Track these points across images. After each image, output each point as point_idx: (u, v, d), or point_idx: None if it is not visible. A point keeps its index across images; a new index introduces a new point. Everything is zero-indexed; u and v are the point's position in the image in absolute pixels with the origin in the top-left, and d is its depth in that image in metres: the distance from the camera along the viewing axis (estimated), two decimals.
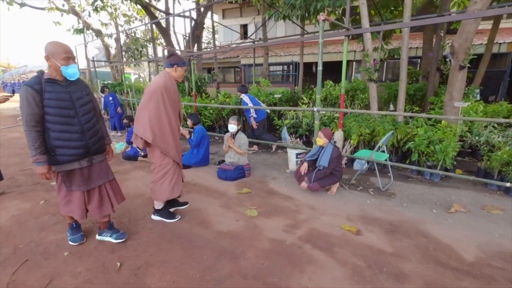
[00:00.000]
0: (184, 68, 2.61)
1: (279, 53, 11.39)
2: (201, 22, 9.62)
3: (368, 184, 3.76)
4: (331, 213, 2.92)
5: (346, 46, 4.29)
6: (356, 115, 5.12)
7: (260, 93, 6.93)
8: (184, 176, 2.96)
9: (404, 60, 4.89)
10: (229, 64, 13.32)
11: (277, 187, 3.65)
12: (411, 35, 11.77)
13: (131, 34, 13.81)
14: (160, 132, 2.50)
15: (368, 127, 4.47)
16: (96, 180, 2.23)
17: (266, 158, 5.09)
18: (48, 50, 1.93)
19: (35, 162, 1.94)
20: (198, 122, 4.57)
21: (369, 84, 5.23)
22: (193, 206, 3.10)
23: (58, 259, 2.15)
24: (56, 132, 1.97)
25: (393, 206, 3.10)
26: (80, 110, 2.06)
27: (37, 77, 1.93)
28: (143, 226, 2.65)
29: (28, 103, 1.86)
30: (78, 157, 2.07)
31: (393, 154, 4.53)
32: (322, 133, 3.36)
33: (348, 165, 4.59)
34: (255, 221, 2.77)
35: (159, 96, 2.44)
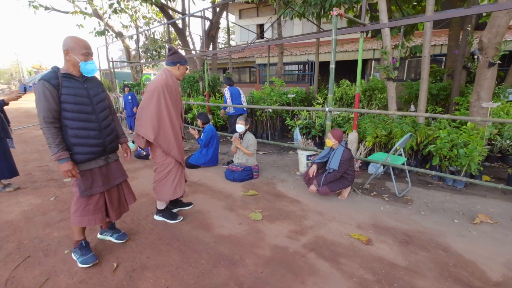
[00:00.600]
0: (186, 67, 2.55)
1: (295, 52, 11.18)
2: (216, 22, 9.63)
3: (383, 190, 3.52)
4: (340, 220, 2.74)
5: (362, 43, 4.06)
6: (372, 116, 4.86)
7: (273, 93, 6.80)
8: (188, 176, 2.89)
9: (426, 57, 4.58)
10: (244, 64, 13.29)
11: (285, 190, 3.51)
12: (436, 32, 11.14)
13: (150, 36, 14.15)
14: (162, 131, 2.46)
15: (385, 129, 4.21)
16: (115, 179, 2.18)
17: (276, 159, 4.95)
18: (67, 44, 1.88)
19: (59, 159, 1.83)
20: (208, 121, 4.52)
21: (388, 83, 4.95)
22: (197, 207, 3.04)
23: (57, 257, 2.16)
24: (74, 129, 1.89)
25: (409, 214, 2.86)
26: (98, 107, 2.01)
27: (53, 72, 1.86)
28: (144, 227, 2.62)
29: (46, 98, 1.78)
30: (95, 156, 2.00)
31: (412, 158, 4.24)
32: (332, 134, 3.18)
33: (363, 168, 4.35)
34: (258, 225, 2.65)
35: (161, 95, 2.39)
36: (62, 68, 1.92)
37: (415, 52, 6.50)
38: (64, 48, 1.87)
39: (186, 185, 3.66)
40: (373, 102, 6.55)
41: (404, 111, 6.78)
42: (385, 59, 4.81)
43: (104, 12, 10.42)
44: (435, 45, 9.13)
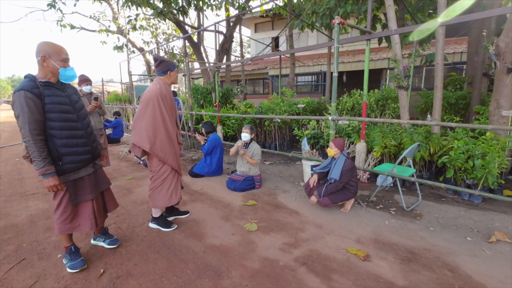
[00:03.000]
0: (177, 71, 2.58)
1: (307, 63, 11.17)
2: (230, 36, 9.90)
3: (390, 203, 3.31)
4: (339, 234, 2.59)
5: (368, 51, 3.96)
6: (384, 126, 4.66)
7: (283, 103, 6.77)
8: (184, 183, 2.89)
9: (439, 64, 4.37)
10: (258, 76, 13.45)
11: (286, 201, 3.41)
12: (457, 40, 10.69)
13: (169, 51, 14.81)
14: (158, 140, 2.47)
15: (395, 139, 4.01)
16: (101, 185, 2.20)
17: (282, 169, 4.86)
18: (44, 50, 1.80)
19: (44, 174, 1.78)
20: (212, 130, 4.55)
21: (399, 92, 4.77)
22: (193, 216, 3.01)
23: (50, 261, 2.20)
24: (63, 138, 1.86)
25: (416, 229, 2.65)
26: (80, 114, 2.01)
27: (32, 81, 1.77)
28: (138, 234, 2.62)
29: (30, 109, 1.70)
30: (84, 164, 2.01)
31: (425, 170, 3.98)
32: (334, 142, 3.07)
33: (371, 180, 4.14)
34: (251, 236, 2.56)
35: (155, 104, 2.43)
36: (38, 76, 1.84)
37: (431, 61, 6.26)
38: (41, 55, 1.79)
39: (186, 194, 3.68)
40: (386, 112, 6.31)
41: None
42: (395, 67, 4.66)
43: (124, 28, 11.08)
44: (454, 53, 8.75)
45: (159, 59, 2.55)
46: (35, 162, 1.78)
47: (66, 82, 1.97)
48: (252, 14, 14.64)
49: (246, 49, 18.97)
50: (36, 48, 1.83)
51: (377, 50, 11.31)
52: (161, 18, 6.44)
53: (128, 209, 3.20)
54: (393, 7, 4.41)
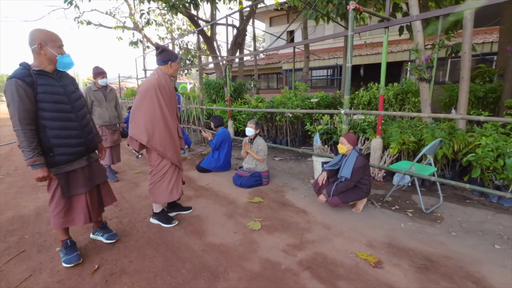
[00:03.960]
0: (177, 62, 2.46)
1: (323, 56, 10.79)
2: (243, 29, 9.72)
3: (407, 204, 3.06)
4: (348, 236, 2.39)
5: (386, 40, 3.67)
6: (404, 121, 4.35)
7: (295, 97, 6.54)
8: (185, 178, 2.79)
9: (466, 53, 4.01)
10: (271, 70, 13.20)
11: (294, 199, 3.23)
12: (487, 30, 9.89)
13: (184, 46, 14.87)
14: (156, 133, 2.37)
15: (414, 135, 3.71)
16: (96, 179, 2.13)
17: (292, 166, 4.67)
18: (39, 38, 1.73)
19: (33, 165, 1.72)
20: (221, 124, 4.44)
21: (420, 85, 4.43)
22: (196, 212, 2.92)
23: (48, 254, 2.17)
24: (54, 129, 1.80)
25: (436, 234, 2.40)
26: (76, 105, 1.94)
27: (25, 69, 1.71)
28: (138, 229, 2.56)
29: (20, 98, 1.65)
30: (77, 156, 1.94)
31: (448, 169, 3.66)
32: (345, 138, 2.86)
33: (388, 179, 3.88)
34: (254, 235, 2.43)
35: (153, 95, 2.33)
36: (33, 64, 1.78)
37: (457, 51, 5.79)
38: (36, 43, 1.73)
39: (191, 189, 3.59)
40: (406, 106, 5.92)
41: None
42: (416, 58, 4.31)
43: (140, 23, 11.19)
44: (484, 43, 8.09)
45: (160, 48, 2.44)
46: (24, 152, 1.72)
47: (64, 70, 1.91)
48: (267, 8, 14.36)
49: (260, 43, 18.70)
50: (30, 36, 1.76)
51: (397, 42, 10.73)
52: (173, 11, 6.38)
53: (132, 203, 3.16)
54: None
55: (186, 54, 14.95)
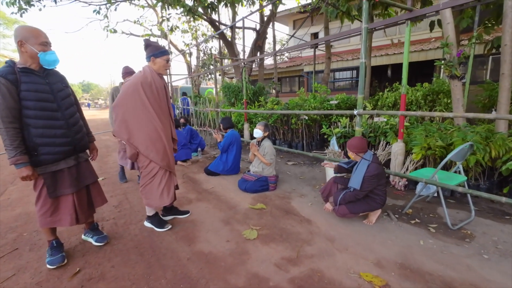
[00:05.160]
0: (165, 58, 2.28)
1: (346, 57, 10.29)
2: (263, 32, 9.61)
3: (430, 217, 2.65)
4: (354, 252, 2.09)
5: (409, 33, 3.30)
6: (433, 124, 3.88)
7: (314, 99, 6.24)
8: (177, 182, 2.66)
9: (507, 46, 3.47)
10: (293, 73, 12.92)
11: (299, 207, 2.97)
12: None
13: (207, 52, 15.18)
14: (138, 131, 2.24)
15: (442, 138, 3.27)
16: (85, 180, 2.08)
17: (305, 171, 4.39)
18: (21, 34, 1.71)
19: (16, 164, 1.69)
20: (230, 126, 4.31)
21: (452, 83, 3.95)
22: (192, 216, 2.78)
23: (38, 253, 2.16)
24: (39, 128, 1.77)
25: (463, 256, 2.01)
26: (63, 104, 1.91)
27: (9, 67, 1.70)
28: (130, 232, 2.48)
29: (3, 96, 1.63)
30: (64, 155, 1.90)
31: (483, 178, 3.16)
32: (347, 144, 2.56)
33: (410, 188, 3.45)
34: (248, 245, 2.22)
35: (135, 91, 2.20)
36: (19, 62, 1.76)
37: (498, 45, 5.14)
38: (17, 39, 1.71)
39: (194, 192, 3.49)
40: (436, 108, 5.34)
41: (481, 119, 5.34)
42: (447, 53, 3.84)
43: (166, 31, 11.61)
44: None
45: (146, 43, 2.31)
46: (7, 151, 1.70)
47: (49, 68, 1.86)
48: (290, 11, 14.17)
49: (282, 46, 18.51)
50: (14, 34, 1.75)
51: (430, 40, 9.92)
52: (190, 15, 6.48)
53: (133, 204, 3.13)
54: None
55: (209, 59, 15.22)
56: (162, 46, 2.34)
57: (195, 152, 5.66)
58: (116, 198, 3.32)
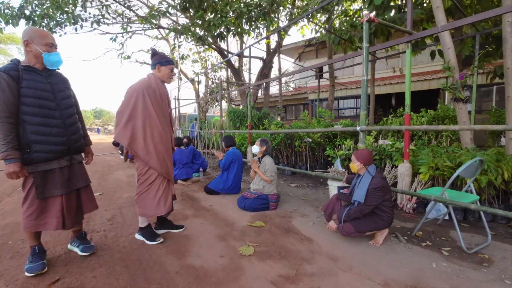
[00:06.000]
0: (170, 67, 2.34)
1: (350, 86, 10.52)
2: (269, 61, 10.01)
3: (443, 240, 2.44)
4: (359, 272, 1.90)
5: (409, 55, 3.36)
6: (442, 148, 3.77)
7: (318, 124, 6.24)
8: (175, 192, 2.57)
9: (510, 69, 3.49)
10: (298, 101, 13.18)
11: (300, 226, 2.80)
12: None
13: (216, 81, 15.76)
14: (140, 137, 2.22)
15: (450, 159, 3.14)
16: (76, 182, 2.01)
17: (308, 192, 4.23)
18: (27, 35, 1.77)
19: (5, 159, 1.65)
20: (232, 144, 4.27)
21: (457, 106, 3.93)
22: (187, 231, 2.63)
23: (19, 261, 2.03)
24: (34, 125, 1.76)
25: (481, 280, 1.80)
26: (62, 104, 1.91)
27: (13, 64, 1.74)
28: (119, 244, 2.33)
29: (2, 91, 1.65)
30: (57, 155, 1.87)
31: (497, 201, 2.97)
32: (354, 155, 2.47)
33: (420, 211, 3.26)
34: (243, 261, 2.05)
35: (140, 96, 2.21)
36: (23, 61, 1.81)
37: (501, 74, 5.18)
38: (24, 39, 1.77)
39: (192, 208, 3.36)
40: (443, 133, 5.25)
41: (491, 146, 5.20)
42: (449, 76, 3.87)
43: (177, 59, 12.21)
44: None
45: (153, 52, 2.39)
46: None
47: (52, 68, 1.89)
48: (296, 44, 14.88)
49: (289, 78, 19.16)
50: (22, 34, 1.82)
51: (434, 72, 10.14)
52: (199, 43, 6.83)
53: (126, 218, 3.00)
54: (442, 8, 3.76)
55: (217, 87, 15.75)
56: (169, 57, 2.40)
57: (196, 173, 5.58)
58: (110, 212, 3.20)
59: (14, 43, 25.03)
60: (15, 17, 6.69)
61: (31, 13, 6.85)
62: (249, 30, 7.28)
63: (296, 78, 16.55)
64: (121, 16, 8.60)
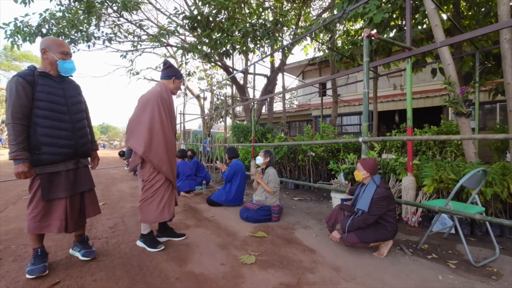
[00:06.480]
0: (181, 81, 2.49)
1: (353, 103, 10.64)
2: (274, 79, 10.25)
3: (449, 254, 2.38)
4: (362, 282, 1.86)
5: (410, 70, 3.45)
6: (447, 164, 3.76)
7: (321, 139, 6.27)
8: (178, 199, 2.59)
9: (510, 84, 3.55)
10: (302, 118, 13.32)
11: (303, 237, 2.76)
12: None
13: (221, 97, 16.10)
14: (153, 144, 2.29)
15: (455, 172, 3.13)
16: (81, 186, 2.05)
17: (311, 206, 4.18)
18: (45, 43, 1.89)
19: (15, 159, 1.72)
20: (235, 156, 4.30)
21: (459, 120, 3.96)
22: (188, 240, 2.61)
23: (21, 264, 2.03)
24: (45, 127, 1.82)
25: None
26: (73, 108, 2.00)
27: (30, 70, 1.85)
28: (120, 250, 2.32)
29: (18, 94, 1.73)
30: (65, 158, 1.92)
31: (505, 215, 2.91)
32: (361, 163, 2.48)
33: (425, 225, 3.19)
34: (243, 269, 2.02)
35: (155, 106, 2.31)
36: (39, 68, 1.92)
37: (502, 90, 5.23)
38: (42, 47, 1.89)
39: (193, 219, 3.35)
40: (447, 149, 5.23)
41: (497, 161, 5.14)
42: (450, 91, 3.93)
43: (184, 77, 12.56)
44: None
45: (168, 64, 2.53)
46: (10, 146, 1.75)
47: (65, 75, 1.99)
48: (299, 63, 15.27)
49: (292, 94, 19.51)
50: (40, 43, 1.94)
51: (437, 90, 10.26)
52: (206, 60, 7.08)
53: (128, 226, 2.99)
54: (440, 26, 3.89)
55: (222, 104, 16.04)
56: (180, 71, 2.54)
57: (199, 186, 5.58)
58: (112, 220, 3.20)
59: (29, 61, 26.15)
60: (32, 34, 7.05)
61: (48, 31, 7.22)
62: (254, 48, 7.54)
63: (300, 95, 16.81)
64: (132, 35, 9.01)
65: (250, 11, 8.70)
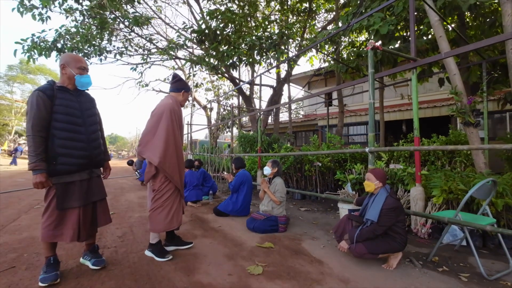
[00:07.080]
0: (189, 94, 2.59)
1: (359, 113, 10.63)
2: (280, 89, 10.37)
3: (461, 266, 2.33)
4: None
5: (415, 81, 3.48)
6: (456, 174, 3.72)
7: (328, 149, 6.27)
8: (185, 207, 2.63)
9: None
10: (308, 128, 13.33)
11: (310, 248, 2.74)
12: None
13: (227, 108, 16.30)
14: (168, 155, 2.36)
15: (464, 182, 3.09)
16: (94, 195, 2.11)
17: (318, 216, 4.16)
18: (64, 59, 2.02)
19: (34, 169, 1.80)
20: (241, 166, 4.34)
21: (467, 130, 3.94)
22: (195, 250, 2.62)
23: (33, 272, 2.07)
24: (62, 139, 1.91)
25: None
26: (88, 121, 2.09)
27: (49, 84, 1.96)
28: (128, 259, 2.35)
29: (38, 107, 1.83)
30: (80, 168, 2.00)
31: None
32: (372, 173, 2.48)
33: (435, 237, 3.13)
34: (251, 280, 2.02)
35: (168, 118, 2.38)
36: (58, 82, 2.03)
37: (511, 100, 5.19)
38: (61, 63, 2.01)
39: (200, 229, 3.37)
40: (456, 159, 5.16)
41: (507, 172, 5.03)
42: (457, 101, 3.92)
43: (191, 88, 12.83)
44: None
45: (178, 77, 2.62)
46: (29, 157, 1.82)
47: (82, 88, 2.10)
48: (305, 74, 15.42)
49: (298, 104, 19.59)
50: (59, 59, 2.08)
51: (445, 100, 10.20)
52: (212, 72, 7.25)
53: (136, 236, 3.02)
54: (445, 37, 3.93)
55: (228, 114, 16.22)
56: (188, 85, 2.65)
57: (206, 196, 5.61)
58: (121, 230, 3.25)
59: (43, 74, 27.13)
60: (48, 49, 7.37)
61: (63, 46, 7.54)
62: (260, 60, 7.69)
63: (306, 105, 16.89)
64: (142, 48, 9.31)
65: (256, 24, 8.93)
